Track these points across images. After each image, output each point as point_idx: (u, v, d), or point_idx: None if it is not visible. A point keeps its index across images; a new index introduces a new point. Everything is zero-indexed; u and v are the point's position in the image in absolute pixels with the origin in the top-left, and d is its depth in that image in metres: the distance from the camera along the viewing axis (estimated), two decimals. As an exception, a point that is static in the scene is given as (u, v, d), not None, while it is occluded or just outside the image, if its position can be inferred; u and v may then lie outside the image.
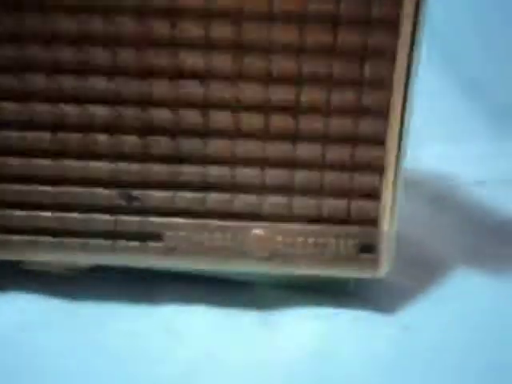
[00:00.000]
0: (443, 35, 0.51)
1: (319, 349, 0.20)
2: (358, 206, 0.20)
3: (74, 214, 0.21)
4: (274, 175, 0.20)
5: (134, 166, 0.20)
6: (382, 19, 0.18)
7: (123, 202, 0.20)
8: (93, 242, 0.21)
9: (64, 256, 0.21)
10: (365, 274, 0.22)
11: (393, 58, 0.18)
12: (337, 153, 0.20)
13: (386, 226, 0.21)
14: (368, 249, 0.21)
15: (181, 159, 0.20)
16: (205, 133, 0.20)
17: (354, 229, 0.21)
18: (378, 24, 0.18)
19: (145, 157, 0.20)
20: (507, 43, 0.55)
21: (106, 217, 0.21)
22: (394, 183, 0.20)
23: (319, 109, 0.19)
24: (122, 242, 0.21)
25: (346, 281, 0.23)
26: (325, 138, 0.20)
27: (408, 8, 0.18)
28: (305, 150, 0.20)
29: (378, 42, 0.18)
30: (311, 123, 0.20)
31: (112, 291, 0.23)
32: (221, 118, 0.19)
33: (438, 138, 0.50)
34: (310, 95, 0.19)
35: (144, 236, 0.21)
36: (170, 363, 0.19)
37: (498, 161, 0.53)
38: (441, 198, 0.41)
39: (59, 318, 0.21)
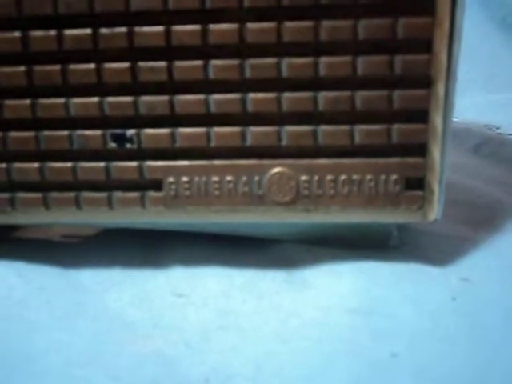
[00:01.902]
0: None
1: (361, 306, 0.16)
2: (401, 130, 0.16)
3: (60, 164, 0.17)
4: (293, 98, 0.16)
5: (124, 99, 0.16)
6: None
7: (115, 145, 0.17)
8: (85, 195, 0.17)
9: (56, 216, 0.18)
10: (411, 218, 0.18)
11: None
12: (372, 64, 0.16)
13: (437, 155, 0.17)
14: (415, 185, 0.17)
15: (177, 86, 0.16)
16: (203, 50, 0.16)
17: (396, 161, 0.17)
18: None
19: (136, 86, 0.16)
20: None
21: (97, 164, 0.17)
22: (446, 99, 0.16)
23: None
24: (118, 194, 0.17)
25: (388, 230, 0.19)
26: (356, 46, 0.16)
27: None
28: (330, 64, 0.16)
29: None
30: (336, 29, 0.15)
31: (117, 256, 0.20)
32: (223, 33, 0.16)
33: (481, 88, 0.46)
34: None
35: (141, 185, 0.17)
36: (182, 330, 0.15)
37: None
38: (485, 147, 0.36)
39: (61, 286, 0.18)
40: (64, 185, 0.17)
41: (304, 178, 0.17)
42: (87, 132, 0.17)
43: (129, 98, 0.16)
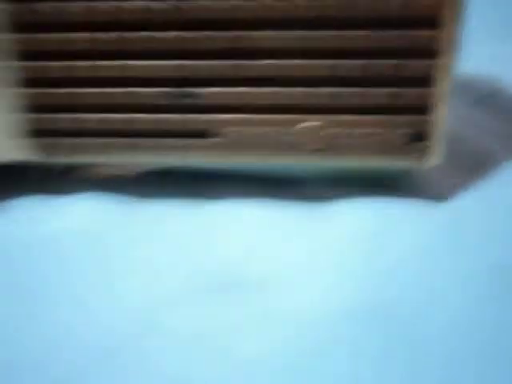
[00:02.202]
0: None
1: (374, 232, 0.21)
2: (408, 92, 0.20)
3: (119, 115, 0.21)
4: (317, 65, 0.20)
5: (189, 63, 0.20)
6: None
7: (174, 100, 0.21)
8: (139, 141, 0.22)
9: (112, 157, 0.22)
10: (416, 164, 0.22)
11: None
12: (383, 37, 0.19)
13: (441, 113, 0.20)
14: (419, 138, 0.21)
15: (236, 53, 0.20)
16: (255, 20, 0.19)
17: (403, 118, 0.21)
18: None
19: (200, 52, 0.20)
20: None
21: (153, 116, 0.21)
22: (449, 67, 0.20)
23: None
24: (169, 141, 0.22)
25: (398, 173, 0.23)
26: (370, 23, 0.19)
27: None
28: (351, 36, 0.19)
29: None
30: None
31: (164, 193, 0.24)
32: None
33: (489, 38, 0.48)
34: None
35: (190, 133, 0.21)
36: (214, 260, 0.20)
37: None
38: (489, 98, 0.39)
39: (118, 218, 0.23)
40: (121, 132, 0.22)
41: (328, 131, 0.21)
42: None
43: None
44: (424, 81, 0.20)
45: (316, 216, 0.22)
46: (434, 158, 0.22)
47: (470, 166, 0.25)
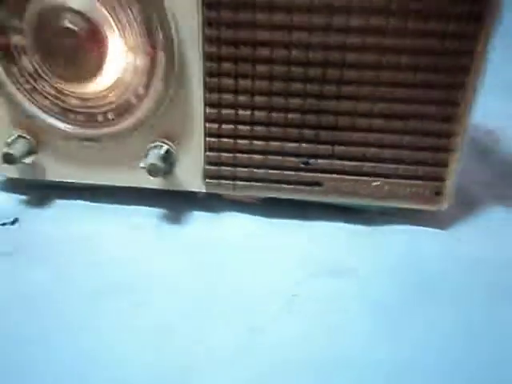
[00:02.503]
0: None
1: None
2: (438, 159, 0.35)
3: (271, 171, 0.37)
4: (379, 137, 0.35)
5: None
6: None
7: (302, 164, 0.36)
8: (276, 185, 0.37)
9: (258, 192, 0.38)
10: (435, 206, 0.37)
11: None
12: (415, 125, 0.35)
13: (454, 169, 0.35)
14: (441, 190, 0.36)
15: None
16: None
17: (432, 177, 0.36)
18: None
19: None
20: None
21: (289, 172, 0.37)
22: (464, 137, 0.35)
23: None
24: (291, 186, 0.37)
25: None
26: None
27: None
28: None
29: None
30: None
31: (279, 214, 0.40)
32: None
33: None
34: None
35: (305, 183, 0.37)
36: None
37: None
38: (487, 151, 0.54)
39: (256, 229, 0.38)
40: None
41: (387, 186, 0.36)
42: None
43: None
44: (447, 149, 0.35)
45: (372, 232, 0.38)
46: (447, 203, 0.37)
47: (469, 208, 0.40)
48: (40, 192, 0.41)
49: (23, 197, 0.41)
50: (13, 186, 0.41)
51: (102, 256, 0.34)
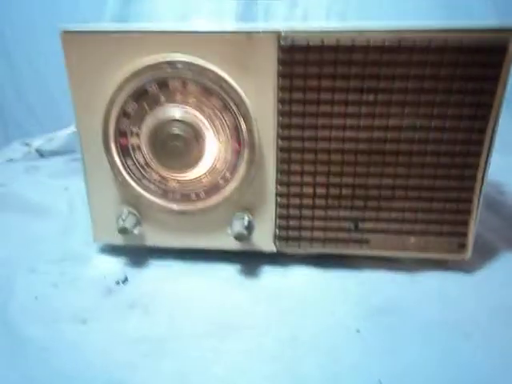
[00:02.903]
0: None
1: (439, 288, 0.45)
2: (460, 219, 0.45)
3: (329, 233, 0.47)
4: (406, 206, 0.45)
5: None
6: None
7: (354, 227, 0.46)
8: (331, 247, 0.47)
9: (314, 248, 0.48)
10: (459, 256, 0.47)
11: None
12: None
13: (473, 223, 0.45)
14: (465, 243, 0.46)
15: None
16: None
17: (457, 232, 0.46)
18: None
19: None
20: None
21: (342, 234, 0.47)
22: (480, 195, 0.44)
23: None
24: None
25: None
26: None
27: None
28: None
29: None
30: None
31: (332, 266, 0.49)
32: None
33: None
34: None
35: (358, 241, 0.47)
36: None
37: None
38: (495, 203, 0.64)
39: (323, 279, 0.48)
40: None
41: (420, 242, 0.46)
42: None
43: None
44: (467, 211, 0.45)
45: (411, 278, 0.47)
46: (469, 253, 0.47)
47: (482, 254, 0.50)
48: (138, 255, 0.51)
49: (125, 260, 0.50)
50: (115, 251, 0.51)
51: (204, 305, 0.43)
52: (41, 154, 0.79)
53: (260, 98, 0.42)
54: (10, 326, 0.40)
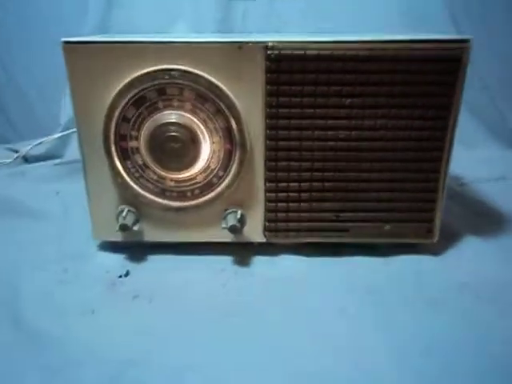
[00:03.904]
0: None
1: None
2: (424, 205, 0.51)
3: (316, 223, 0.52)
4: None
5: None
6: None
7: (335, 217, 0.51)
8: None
9: (300, 237, 0.53)
10: (428, 240, 0.53)
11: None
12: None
13: (438, 214, 0.51)
14: (432, 228, 0.52)
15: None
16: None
17: (421, 217, 0.51)
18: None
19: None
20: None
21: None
22: (444, 185, 0.51)
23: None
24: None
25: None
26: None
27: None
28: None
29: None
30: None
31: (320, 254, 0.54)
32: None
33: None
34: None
35: (339, 230, 0.52)
36: None
37: (496, 164, 0.83)
38: (457, 194, 0.71)
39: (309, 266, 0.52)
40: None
41: (395, 229, 0.51)
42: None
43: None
44: (433, 200, 0.51)
45: (386, 261, 0.53)
46: (437, 236, 0.53)
47: (445, 239, 0.56)
48: (136, 251, 0.54)
49: (124, 255, 0.54)
50: (114, 248, 0.54)
51: (202, 293, 0.47)
52: (25, 159, 0.80)
53: (250, 103, 0.47)
54: (22, 321, 0.43)
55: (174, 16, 0.83)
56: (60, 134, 0.75)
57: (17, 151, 0.75)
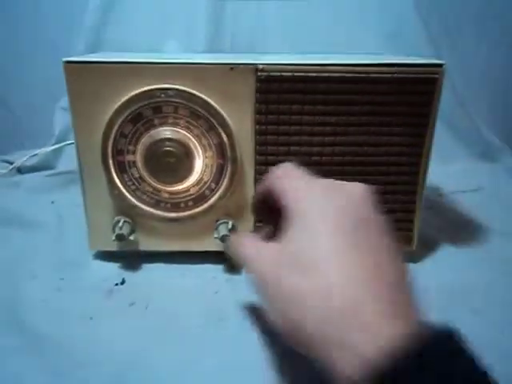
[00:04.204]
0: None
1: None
2: (403, 216, 0.55)
3: None
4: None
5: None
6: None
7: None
8: None
9: None
10: (407, 248, 0.56)
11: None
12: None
13: (417, 224, 0.55)
14: (411, 237, 0.55)
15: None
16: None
17: (401, 227, 0.55)
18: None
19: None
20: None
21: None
22: (422, 197, 0.54)
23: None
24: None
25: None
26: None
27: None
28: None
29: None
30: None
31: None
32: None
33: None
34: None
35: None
36: None
37: (472, 176, 0.87)
38: (435, 204, 0.75)
39: None
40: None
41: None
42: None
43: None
44: (412, 211, 0.55)
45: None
46: (415, 245, 0.56)
47: (424, 246, 0.60)
48: (131, 260, 0.56)
49: (120, 264, 0.56)
50: (109, 257, 0.57)
51: (196, 299, 0.50)
52: (19, 170, 0.82)
53: (241, 120, 0.50)
54: (23, 327, 0.45)
55: (165, 34, 0.87)
56: (55, 147, 0.76)
57: (11, 162, 0.76)
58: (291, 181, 0.35)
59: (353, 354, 0.24)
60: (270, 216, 0.37)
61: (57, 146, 0.77)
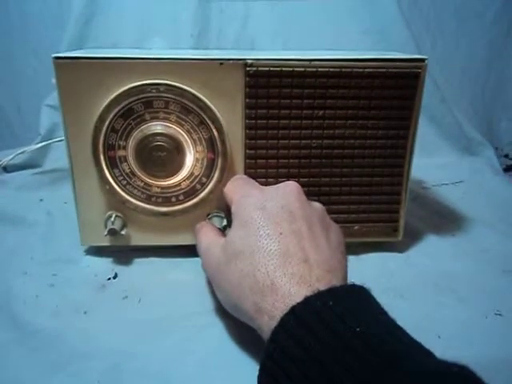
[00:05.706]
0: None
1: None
2: (391, 208, 0.56)
3: None
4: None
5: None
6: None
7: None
8: None
9: None
10: (393, 238, 0.58)
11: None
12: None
13: (402, 215, 0.57)
14: (397, 228, 0.57)
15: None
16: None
17: (387, 218, 0.57)
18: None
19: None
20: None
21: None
22: (407, 189, 0.56)
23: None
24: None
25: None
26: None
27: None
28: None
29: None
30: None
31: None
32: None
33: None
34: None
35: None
36: None
37: (454, 169, 0.90)
38: (419, 196, 0.77)
39: None
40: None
41: (363, 229, 0.56)
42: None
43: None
44: (397, 202, 0.56)
45: (357, 258, 0.57)
46: (400, 236, 0.58)
47: (410, 236, 0.62)
48: (123, 255, 0.57)
49: (111, 259, 0.56)
50: (101, 252, 0.57)
51: (188, 293, 0.50)
52: (5, 169, 0.81)
53: (231, 115, 0.51)
54: (18, 322, 0.45)
55: (150, 31, 0.87)
56: (42, 144, 0.76)
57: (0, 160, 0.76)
58: (236, 192, 0.48)
59: (270, 316, 0.33)
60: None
61: (43, 143, 0.76)
